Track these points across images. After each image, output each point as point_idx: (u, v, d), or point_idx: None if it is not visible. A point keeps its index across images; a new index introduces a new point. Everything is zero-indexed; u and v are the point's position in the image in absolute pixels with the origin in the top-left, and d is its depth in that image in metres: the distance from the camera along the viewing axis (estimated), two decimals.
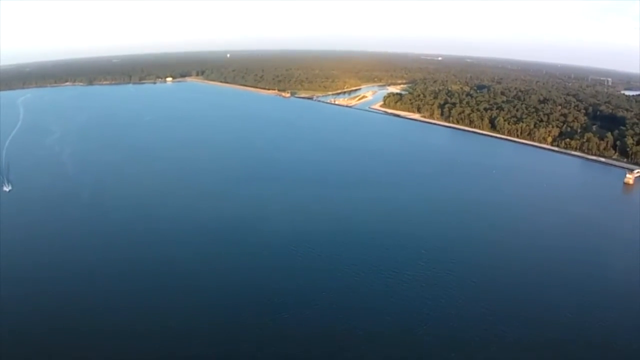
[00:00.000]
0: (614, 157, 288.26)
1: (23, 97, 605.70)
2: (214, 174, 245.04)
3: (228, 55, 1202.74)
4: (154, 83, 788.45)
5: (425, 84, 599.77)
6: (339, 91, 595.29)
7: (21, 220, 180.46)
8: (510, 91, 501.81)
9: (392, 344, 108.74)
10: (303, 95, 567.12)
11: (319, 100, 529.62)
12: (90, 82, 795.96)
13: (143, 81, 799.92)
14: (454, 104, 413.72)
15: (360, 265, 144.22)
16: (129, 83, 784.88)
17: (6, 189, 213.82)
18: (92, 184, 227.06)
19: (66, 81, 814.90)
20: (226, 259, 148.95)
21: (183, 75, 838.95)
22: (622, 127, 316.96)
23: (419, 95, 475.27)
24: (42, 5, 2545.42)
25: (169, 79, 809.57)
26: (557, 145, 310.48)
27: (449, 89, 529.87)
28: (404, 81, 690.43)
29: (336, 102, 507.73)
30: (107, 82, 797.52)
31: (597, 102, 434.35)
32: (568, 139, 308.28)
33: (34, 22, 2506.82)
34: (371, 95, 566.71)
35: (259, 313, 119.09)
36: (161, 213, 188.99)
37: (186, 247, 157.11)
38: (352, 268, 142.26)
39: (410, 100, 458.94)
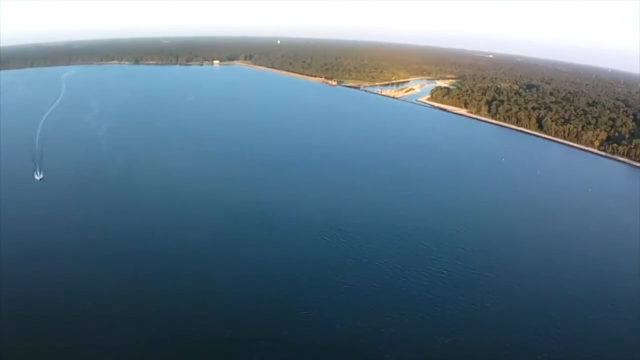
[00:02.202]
0: None
1: (67, 73, 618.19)
2: (252, 158, 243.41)
3: (278, 42, 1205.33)
4: (201, 65, 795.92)
5: (474, 79, 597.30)
6: (386, 82, 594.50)
7: (50, 212, 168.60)
8: (559, 92, 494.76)
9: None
10: (350, 84, 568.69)
11: (366, 90, 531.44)
12: (137, 61, 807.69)
13: (190, 63, 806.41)
14: (501, 101, 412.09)
15: (395, 261, 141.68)
16: (175, 64, 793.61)
17: (37, 177, 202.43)
18: (126, 165, 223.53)
19: (113, 59, 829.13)
20: (254, 245, 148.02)
21: (231, 59, 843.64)
22: None
23: (467, 91, 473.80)
24: None
25: (216, 61, 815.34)
26: (604, 150, 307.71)
27: (498, 86, 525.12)
28: (453, 76, 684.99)
29: (383, 93, 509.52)
30: (154, 62, 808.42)
31: None
32: (615, 144, 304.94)
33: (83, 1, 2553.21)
34: (419, 88, 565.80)
35: (286, 309, 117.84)
36: (191, 197, 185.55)
37: (214, 231, 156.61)
38: (385, 263, 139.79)
39: (457, 95, 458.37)
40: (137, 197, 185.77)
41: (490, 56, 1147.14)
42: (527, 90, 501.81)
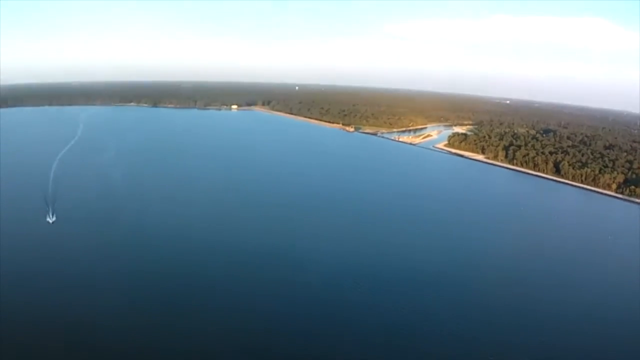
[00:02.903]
0: None
1: (85, 113, 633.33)
2: (267, 205, 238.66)
3: (297, 88, 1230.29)
4: (219, 109, 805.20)
5: (491, 125, 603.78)
6: (403, 129, 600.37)
7: (61, 257, 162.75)
8: (576, 136, 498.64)
9: None
10: (367, 130, 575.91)
11: (383, 137, 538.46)
12: (155, 104, 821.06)
13: (208, 107, 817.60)
14: (519, 147, 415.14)
15: (412, 312, 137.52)
16: (193, 108, 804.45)
17: (50, 220, 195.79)
18: (139, 209, 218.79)
19: (131, 101, 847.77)
20: (267, 288, 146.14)
21: (249, 104, 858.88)
22: None
23: (484, 137, 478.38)
24: (114, 28, 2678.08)
25: (234, 106, 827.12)
26: (622, 192, 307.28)
27: (515, 131, 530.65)
28: (471, 122, 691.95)
29: (400, 139, 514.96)
30: (172, 105, 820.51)
31: None
32: (633, 186, 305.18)
33: (105, 42, 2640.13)
34: (436, 134, 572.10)
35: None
36: (207, 243, 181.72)
37: (232, 280, 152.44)
38: (401, 314, 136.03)
39: (475, 140, 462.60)
40: (150, 242, 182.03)
41: (508, 102, 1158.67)
42: (544, 135, 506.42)
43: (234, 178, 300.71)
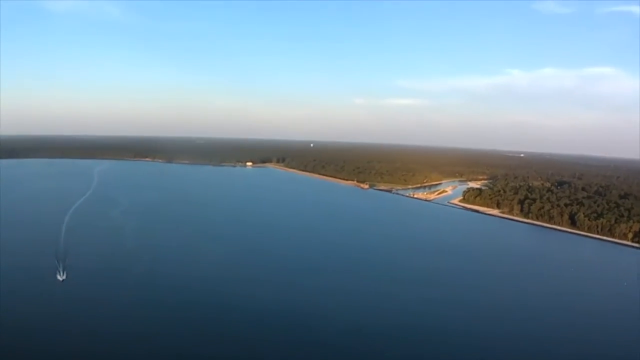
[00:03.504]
0: None
1: (99, 166, 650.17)
2: (280, 263, 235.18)
3: (312, 145, 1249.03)
4: (234, 166, 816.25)
5: (506, 179, 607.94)
6: (418, 185, 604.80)
7: (69, 318, 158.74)
8: (591, 187, 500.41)
9: None
10: (382, 187, 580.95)
11: (398, 193, 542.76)
12: (170, 160, 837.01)
13: (223, 164, 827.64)
14: (533, 200, 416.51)
15: None
16: (208, 164, 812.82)
17: (60, 277, 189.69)
18: (151, 267, 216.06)
19: (146, 156, 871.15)
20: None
21: (264, 161, 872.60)
22: None
23: (499, 191, 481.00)
24: (128, 82, 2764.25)
25: (249, 163, 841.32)
26: (638, 242, 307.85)
27: (530, 184, 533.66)
28: (485, 177, 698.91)
29: (415, 196, 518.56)
30: (187, 162, 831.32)
31: None
32: None
33: (118, 95, 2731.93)
34: (451, 189, 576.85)
35: None
36: (220, 302, 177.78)
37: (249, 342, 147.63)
38: None
39: (490, 195, 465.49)
40: (160, 303, 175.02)
41: (522, 155, 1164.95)
42: (558, 187, 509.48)
43: (248, 235, 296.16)
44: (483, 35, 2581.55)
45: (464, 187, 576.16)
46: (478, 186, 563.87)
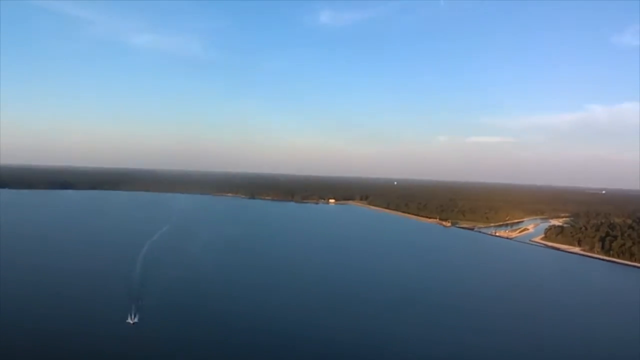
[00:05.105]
0: None
1: (181, 200, 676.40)
2: (359, 304, 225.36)
3: (395, 183, 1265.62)
4: (316, 203, 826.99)
5: (587, 217, 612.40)
6: (500, 223, 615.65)
7: None
8: None
9: None
10: (464, 225, 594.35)
11: (480, 231, 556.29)
12: (252, 196, 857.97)
13: (305, 200, 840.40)
14: (615, 237, 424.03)
15: None
16: (291, 201, 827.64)
17: (131, 320, 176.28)
18: (230, 308, 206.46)
19: (228, 191, 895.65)
20: None
21: (346, 199, 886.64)
22: None
23: (580, 228, 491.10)
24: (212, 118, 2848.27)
25: (332, 200, 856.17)
26: None
27: (611, 221, 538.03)
28: (567, 214, 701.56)
29: (497, 234, 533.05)
30: (269, 198, 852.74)
31: None
32: None
33: (203, 133, 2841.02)
34: (533, 227, 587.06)
35: None
36: (296, 345, 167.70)
37: None
38: None
39: (571, 233, 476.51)
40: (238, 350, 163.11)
41: (603, 192, 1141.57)
42: None
43: (329, 273, 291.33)
44: (562, 71, 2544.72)
45: (545, 224, 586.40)
46: (560, 224, 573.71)
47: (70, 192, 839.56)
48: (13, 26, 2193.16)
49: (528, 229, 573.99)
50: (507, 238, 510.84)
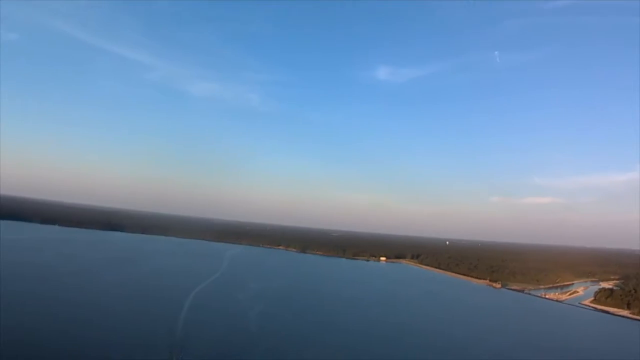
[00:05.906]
0: None
1: (232, 250, 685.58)
2: None
3: (447, 243, 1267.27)
4: (367, 260, 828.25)
5: (637, 279, 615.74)
6: (550, 285, 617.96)
7: None
8: None
9: None
10: (514, 287, 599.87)
11: (530, 293, 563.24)
12: (303, 250, 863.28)
13: (356, 257, 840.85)
14: None
15: None
16: (341, 257, 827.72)
17: None
18: None
19: (279, 245, 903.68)
20: None
21: (397, 257, 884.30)
22: None
23: (629, 291, 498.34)
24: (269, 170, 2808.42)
25: (383, 258, 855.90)
26: None
27: None
28: (617, 277, 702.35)
29: (546, 296, 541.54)
30: (320, 253, 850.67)
31: None
32: None
33: (262, 185, 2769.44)
34: (582, 290, 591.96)
35: None
36: None
37: None
38: None
39: (620, 296, 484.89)
40: None
41: None
42: None
43: (378, 332, 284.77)
44: (614, 131, 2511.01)
45: (595, 287, 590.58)
46: (610, 286, 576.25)
47: (119, 234, 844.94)
48: (74, 66, 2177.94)
49: (578, 292, 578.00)
50: (557, 300, 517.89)
